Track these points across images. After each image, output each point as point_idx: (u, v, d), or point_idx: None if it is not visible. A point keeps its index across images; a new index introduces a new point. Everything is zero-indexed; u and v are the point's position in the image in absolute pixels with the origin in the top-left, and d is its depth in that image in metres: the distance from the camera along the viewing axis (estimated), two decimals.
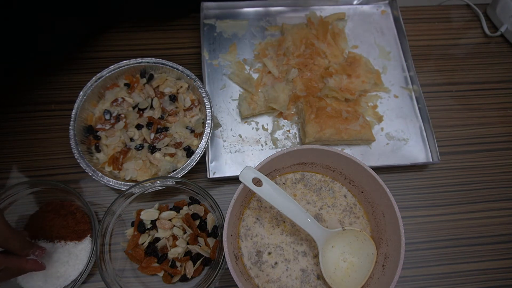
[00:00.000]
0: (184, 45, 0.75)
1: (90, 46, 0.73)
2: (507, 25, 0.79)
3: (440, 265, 0.62)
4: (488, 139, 0.72)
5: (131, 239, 0.57)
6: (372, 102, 0.71)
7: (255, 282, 0.51)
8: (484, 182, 0.68)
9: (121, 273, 0.56)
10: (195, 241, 0.56)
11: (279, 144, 0.66)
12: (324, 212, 0.55)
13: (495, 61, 0.79)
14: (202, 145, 0.59)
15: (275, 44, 0.73)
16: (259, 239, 0.53)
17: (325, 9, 0.79)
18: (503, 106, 0.75)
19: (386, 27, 0.78)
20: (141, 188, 0.56)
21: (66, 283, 0.54)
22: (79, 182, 0.62)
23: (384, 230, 0.51)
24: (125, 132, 0.61)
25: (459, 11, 0.85)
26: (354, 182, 0.55)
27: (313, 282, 0.51)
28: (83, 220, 0.57)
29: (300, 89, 0.68)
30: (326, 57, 0.72)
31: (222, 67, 0.72)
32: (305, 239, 0.54)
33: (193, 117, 0.64)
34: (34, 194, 0.58)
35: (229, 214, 0.47)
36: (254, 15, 0.77)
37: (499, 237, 0.64)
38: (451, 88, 0.76)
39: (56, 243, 0.55)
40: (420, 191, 0.67)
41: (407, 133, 0.69)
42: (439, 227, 0.64)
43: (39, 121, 0.67)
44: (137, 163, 0.59)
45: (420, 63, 0.76)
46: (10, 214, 0.57)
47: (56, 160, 0.64)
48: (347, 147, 0.67)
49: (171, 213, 0.58)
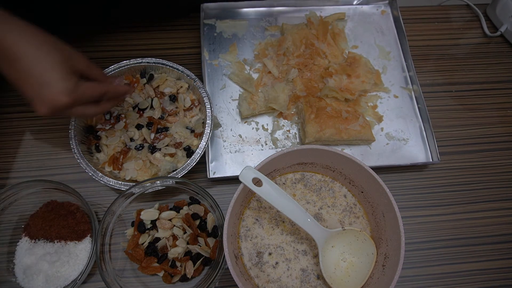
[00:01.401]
0: (184, 45, 0.75)
1: (90, 46, 0.73)
2: (507, 25, 0.79)
3: (440, 265, 0.62)
4: (488, 139, 0.72)
5: (131, 239, 0.57)
6: (372, 102, 0.71)
7: (255, 282, 0.51)
8: (484, 182, 0.68)
9: (121, 273, 0.56)
10: (195, 241, 0.57)
11: (279, 144, 0.66)
12: (324, 212, 0.55)
13: (495, 61, 0.79)
14: (202, 145, 0.59)
15: (275, 44, 0.73)
16: (259, 240, 0.53)
17: (325, 9, 0.79)
18: (503, 106, 0.75)
19: (386, 27, 0.78)
20: (141, 188, 0.56)
21: (66, 283, 0.54)
22: (79, 182, 0.62)
23: (384, 230, 0.51)
24: (125, 132, 0.61)
25: (459, 11, 0.85)
26: (354, 182, 0.55)
27: (313, 282, 0.52)
28: (83, 220, 0.57)
29: (300, 89, 0.68)
30: (326, 57, 0.72)
31: (222, 67, 0.72)
32: (305, 237, 0.54)
33: (193, 117, 0.64)
34: (34, 194, 0.58)
35: (229, 214, 0.47)
36: (254, 15, 0.77)
37: (499, 237, 0.64)
38: (451, 88, 0.76)
39: (56, 243, 0.56)
40: (420, 191, 0.67)
41: (407, 133, 0.69)
42: (439, 227, 0.64)
43: (39, 121, 0.67)
44: (137, 163, 0.59)
45: (420, 63, 0.76)
46: (10, 214, 0.57)
47: (56, 160, 0.64)
48: (347, 147, 0.67)
49: (171, 213, 0.58)
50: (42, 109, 0.45)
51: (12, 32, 0.43)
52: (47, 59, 0.44)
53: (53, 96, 0.44)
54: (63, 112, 0.46)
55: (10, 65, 0.43)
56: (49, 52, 0.44)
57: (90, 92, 0.48)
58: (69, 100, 0.45)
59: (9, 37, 0.43)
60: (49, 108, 0.44)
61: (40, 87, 0.44)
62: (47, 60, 0.44)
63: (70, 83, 0.45)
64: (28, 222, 0.57)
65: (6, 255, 0.56)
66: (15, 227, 0.57)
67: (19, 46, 0.43)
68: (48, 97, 0.44)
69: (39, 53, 0.43)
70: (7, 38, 0.42)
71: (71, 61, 0.46)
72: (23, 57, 0.43)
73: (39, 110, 0.45)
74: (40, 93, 0.44)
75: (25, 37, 0.43)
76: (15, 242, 0.56)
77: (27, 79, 0.43)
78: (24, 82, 0.44)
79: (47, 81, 0.44)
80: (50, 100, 0.44)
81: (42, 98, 0.44)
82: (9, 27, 0.43)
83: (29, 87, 0.44)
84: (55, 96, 0.44)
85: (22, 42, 0.43)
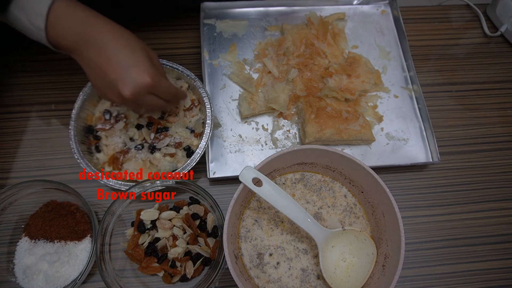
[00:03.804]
0: (184, 45, 0.75)
1: None
2: (507, 25, 0.79)
3: (440, 265, 0.62)
4: (488, 139, 0.72)
5: (131, 239, 0.57)
6: (372, 102, 0.71)
7: (255, 282, 0.51)
8: (484, 182, 0.68)
9: (121, 273, 0.56)
10: (195, 241, 0.57)
11: (279, 144, 0.66)
12: (324, 212, 0.55)
13: (495, 61, 0.79)
14: (202, 145, 0.59)
15: (275, 44, 0.73)
16: (259, 241, 0.53)
17: (325, 9, 0.79)
18: (503, 106, 0.75)
19: (386, 27, 0.78)
20: (141, 188, 0.56)
21: (66, 283, 0.54)
22: (79, 182, 0.62)
23: (384, 230, 0.51)
24: (125, 132, 0.61)
25: (459, 11, 0.85)
26: (354, 182, 0.55)
27: (313, 282, 0.51)
28: (83, 220, 0.57)
29: (300, 89, 0.68)
30: (326, 57, 0.72)
31: (222, 67, 0.72)
32: (305, 236, 0.54)
33: (193, 117, 0.64)
34: (34, 194, 0.58)
35: (229, 214, 0.47)
36: (254, 15, 0.77)
37: (499, 237, 0.64)
38: (451, 88, 0.76)
39: (56, 243, 0.56)
40: (420, 191, 0.67)
41: (407, 133, 0.69)
42: (439, 227, 0.64)
43: (39, 121, 0.67)
44: (137, 163, 0.59)
45: (420, 63, 0.76)
46: (10, 214, 0.57)
47: (56, 160, 0.64)
48: (347, 147, 0.67)
49: (171, 213, 0.58)
50: (126, 90, 0.49)
51: (105, 26, 0.50)
52: (136, 48, 0.50)
53: (139, 75, 0.49)
54: (142, 96, 0.51)
55: (100, 52, 0.49)
56: (136, 43, 0.51)
57: (165, 85, 0.53)
58: (152, 82, 0.49)
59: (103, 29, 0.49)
60: (133, 87, 0.49)
61: (128, 67, 0.49)
62: (136, 48, 0.50)
63: (153, 69, 0.50)
64: (28, 222, 0.57)
65: (6, 255, 0.56)
66: (15, 227, 0.57)
67: (111, 37, 0.49)
68: (134, 76, 0.49)
69: (128, 42, 0.50)
70: (102, 29, 0.49)
71: (151, 56, 0.53)
72: (113, 45, 0.49)
73: (123, 91, 0.49)
74: (126, 74, 0.48)
75: (115, 30, 0.50)
76: (15, 242, 0.56)
77: (116, 63, 0.49)
78: (111, 65, 0.49)
79: (134, 63, 0.49)
80: (136, 79, 0.49)
81: (128, 78, 0.48)
82: (103, 22, 0.50)
83: (116, 69, 0.49)
84: (141, 75, 0.49)
85: (114, 34, 0.50)
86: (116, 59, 0.49)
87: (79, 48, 0.49)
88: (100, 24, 0.50)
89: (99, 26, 0.49)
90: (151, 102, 0.53)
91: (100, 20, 0.50)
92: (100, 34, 0.49)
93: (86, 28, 0.49)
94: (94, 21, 0.50)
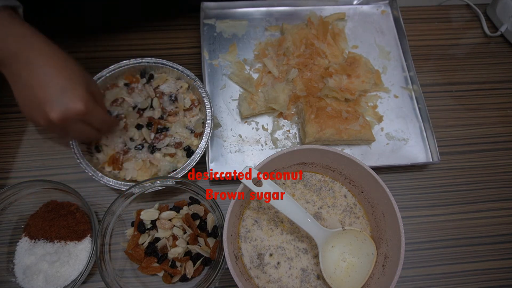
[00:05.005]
0: (184, 45, 0.75)
1: (91, 45, 0.73)
2: (507, 25, 0.79)
3: (440, 265, 0.62)
4: (488, 139, 0.72)
5: (131, 239, 0.57)
6: (372, 102, 0.71)
7: (255, 282, 0.51)
8: (484, 182, 0.68)
9: (121, 273, 0.56)
10: (195, 241, 0.57)
11: (279, 144, 0.66)
12: (324, 212, 0.55)
13: (495, 61, 0.79)
14: (202, 145, 0.59)
15: (275, 44, 0.73)
16: (259, 242, 0.53)
17: (325, 9, 0.79)
18: (503, 106, 0.75)
19: (386, 27, 0.78)
20: (141, 188, 0.56)
21: (66, 283, 0.54)
22: (79, 182, 0.62)
23: (384, 230, 0.51)
24: (125, 132, 0.61)
25: (459, 11, 0.85)
26: (354, 182, 0.55)
27: (313, 282, 0.51)
28: (83, 220, 0.57)
29: (300, 89, 0.68)
30: (326, 57, 0.72)
31: (222, 67, 0.72)
32: (305, 236, 0.54)
33: (193, 117, 0.64)
34: (34, 194, 0.58)
35: (229, 214, 0.47)
36: (254, 15, 0.77)
37: (499, 237, 0.64)
38: (451, 88, 0.76)
39: (56, 243, 0.56)
40: (420, 191, 0.67)
41: (407, 133, 0.69)
42: (439, 227, 0.64)
43: None
44: (137, 163, 0.59)
45: (420, 63, 0.76)
46: (10, 214, 0.57)
47: (56, 160, 0.64)
48: (347, 147, 0.67)
49: (171, 213, 0.58)
50: (53, 113, 0.46)
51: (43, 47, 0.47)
52: (73, 73, 0.48)
53: (71, 100, 0.46)
54: (71, 123, 0.48)
55: (32, 72, 0.46)
56: (74, 68, 0.49)
57: (99, 113, 0.51)
58: (85, 110, 0.47)
59: (40, 50, 0.47)
60: (62, 111, 0.46)
61: (62, 91, 0.46)
62: (73, 73, 0.48)
63: (88, 96, 0.48)
64: (28, 222, 0.57)
65: (6, 255, 0.56)
66: (15, 227, 0.57)
67: (47, 59, 0.47)
68: (66, 101, 0.46)
69: (67, 65, 0.48)
70: (39, 50, 0.47)
71: (89, 83, 0.51)
72: (49, 67, 0.47)
73: (50, 113, 0.46)
74: (58, 97, 0.46)
75: (53, 52, 0.48)
76: (15, 242, 0.56)
77: (48, 84, 0.46)
78: (43, 87, 0.46)
79: (68, 87, 0.47)
80: (68, 104, 0.46)
81: (59, 101, 0.46)
82: (42, 42, 0.48)
83: (47, 91, 0.46)
84: (73, 101, 0.47)
85: (51, 56, 0.48)
86: (50, 80, 0.46)
87: (9, 64, 0.47)
88: (38, 44, 0.47)
89: (36, 46, 0.47)
90: (79, 130, 0.50)
91: (40, 40, 0.48)
92: (35, 54, 0.47)
93: (21, 46, 0.46)
94: (32, 40, 0.47)
